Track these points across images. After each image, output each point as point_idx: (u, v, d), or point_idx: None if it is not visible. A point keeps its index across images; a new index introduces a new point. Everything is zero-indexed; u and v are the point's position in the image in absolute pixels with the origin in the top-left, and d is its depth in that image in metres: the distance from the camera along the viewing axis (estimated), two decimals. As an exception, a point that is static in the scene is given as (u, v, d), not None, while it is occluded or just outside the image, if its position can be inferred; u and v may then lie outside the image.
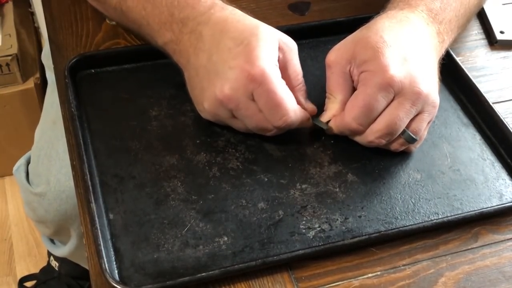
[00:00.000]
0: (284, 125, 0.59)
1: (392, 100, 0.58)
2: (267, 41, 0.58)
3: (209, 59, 0.59)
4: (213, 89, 0.58)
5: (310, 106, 0.63)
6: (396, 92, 0.58)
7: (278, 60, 0.60)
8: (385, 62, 0.57)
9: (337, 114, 0.61)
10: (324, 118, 0.62)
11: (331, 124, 0.62)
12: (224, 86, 0.57)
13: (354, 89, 0.61)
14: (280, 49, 0.60)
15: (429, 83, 0.59)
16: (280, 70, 0.59)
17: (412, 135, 0.60)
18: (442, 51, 0.65)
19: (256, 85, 0.57)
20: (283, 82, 0.59)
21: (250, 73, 0.56)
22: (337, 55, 0.61)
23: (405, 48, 0.59)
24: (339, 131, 0.62)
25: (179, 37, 0.61)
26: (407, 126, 0.60)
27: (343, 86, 0.61)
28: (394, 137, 0.60)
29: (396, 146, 0.62)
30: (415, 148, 0.63)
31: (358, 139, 0.62)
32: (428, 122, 0.61)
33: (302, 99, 0.62)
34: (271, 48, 0.59)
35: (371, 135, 0.60)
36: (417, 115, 0.60)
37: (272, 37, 0.59)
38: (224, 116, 0.61)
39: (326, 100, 0.63)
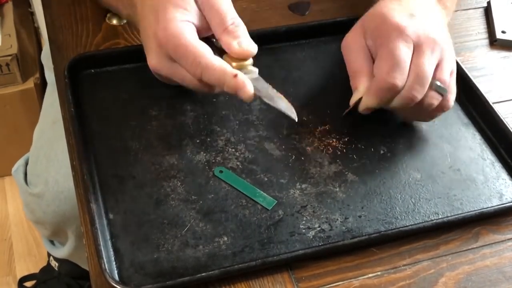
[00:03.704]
0: (203, 76, 0.56)
1: (413, 53, 0.60)
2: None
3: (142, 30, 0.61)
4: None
5: (248, 47, 0.57)
6: (414, 41, 0.59)
7: (200, 4, 0.58)
8: (395, 20, 0.60)
9: (367, 86, 0.61)
10: (357, 96, 0.62)
11: (365, 97, 0.61)
12: (149, 58, 0.59)
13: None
14: None
15: (442, 33, 0.62)
16: (206, 14, 0.58)
17: (441, 85, 0.60)
18: (446, 18, 0.67)
19: (165, 47, 0.56)
20: (190, 32, 0.57)
21: (157, 36, 0.57)
22: (350, 36, 0.64)
23: (410, 7, 0.62)
24: (378, 98, 0.60)
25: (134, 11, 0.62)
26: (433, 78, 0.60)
27: (364, 60, 0.62)
28: (426, 88, 0.59)
29: (430, 100, 0.60)
30: (451, 103, 0.62)
31: (394, 102, 0.60)
32: (451, 73, 0.62)
33: (236, 41, 0.57)
34: (179, 3, 0.57)
35: (406, 91, 0.59)
36: (438, 65, 0.60)
37: None
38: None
39: (351, 81, 0.62)
